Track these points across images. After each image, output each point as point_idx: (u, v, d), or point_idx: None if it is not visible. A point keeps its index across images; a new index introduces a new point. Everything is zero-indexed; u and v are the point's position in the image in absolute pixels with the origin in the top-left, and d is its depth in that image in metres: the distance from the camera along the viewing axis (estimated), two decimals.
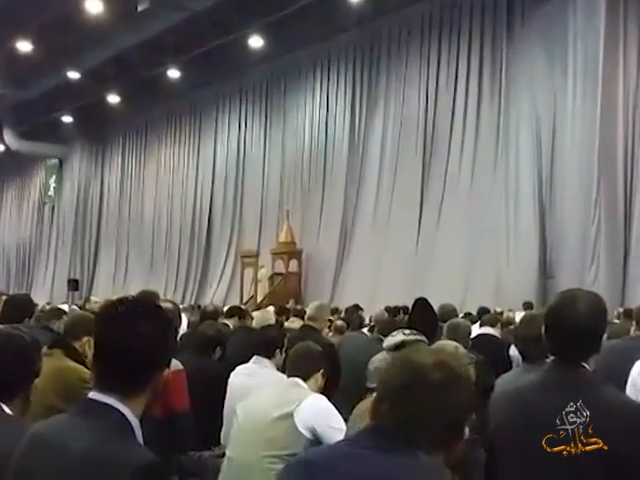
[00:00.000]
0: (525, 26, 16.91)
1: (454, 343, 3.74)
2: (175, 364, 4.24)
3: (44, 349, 3.93)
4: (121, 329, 1.85)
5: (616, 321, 9.50)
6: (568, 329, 2.33)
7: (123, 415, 1.81)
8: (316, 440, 3.48)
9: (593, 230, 14.34)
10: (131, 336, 1.83)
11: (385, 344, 4.39)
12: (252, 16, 19.16)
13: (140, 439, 1.83)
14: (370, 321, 10.27)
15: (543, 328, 2.41)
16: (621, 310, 10.40)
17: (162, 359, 1.90)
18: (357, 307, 13.24)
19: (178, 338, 6.46)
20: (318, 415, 3.61)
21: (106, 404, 1.81)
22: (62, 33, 20.17)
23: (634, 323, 5.75)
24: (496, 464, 2.37)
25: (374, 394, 1.83)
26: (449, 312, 7.02)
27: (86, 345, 4.16)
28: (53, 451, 1.80)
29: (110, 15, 18.37)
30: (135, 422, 1.83)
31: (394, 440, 1.68)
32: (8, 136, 30.10)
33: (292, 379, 3.90)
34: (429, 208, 18.81)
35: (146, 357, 1.84)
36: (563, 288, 2.73)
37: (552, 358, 2.38)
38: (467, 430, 1.77)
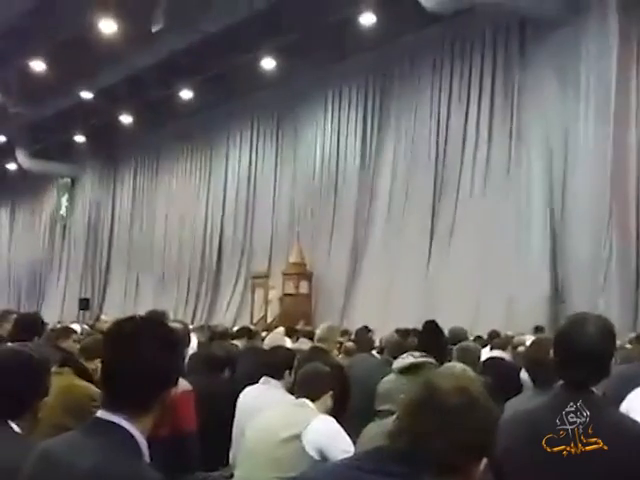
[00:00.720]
0: (537, 52, 16.90)
1: (462, 365, 3.72)
2: (184, 384, 4.24)
3: (54, 368, 3.94)
4: (127, 348, 1.86)
5: (628, 346, 9.43)
6: (577, 353, 2.32)
7: (130, 434, 1.81)
8: (324, 462, 3.46)
9: (605, 254, 14.27)
10: (137, 355, 1.84)
11: (394, 366, 4.38)
12: (265, 38, 19.29)
13: (147, 458, 1.83)
14: (380, 343, 10.20)
15: (552, 352, 2.40)
16: (633, 335, 10.31)
17: (169, 378, 1.90)
18: (367, 329, 13.17)
19: (187, 359, 6.46)
20: (327, 437, 3.59)
21: (113, 423, 1.82)
22: (76, 53, 20.33)
23: None
24: None
25: (384, 416, 1.82)
26: (459, 335, 6.99)
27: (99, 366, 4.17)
28: (60, 469, 1.80)
29: (124, 36, 18.52)
30: (142, 441, 1.83)
31: (401, 463, 1.66)
32: (21, 155, 30.31)
33: (301, 400, 3.88)
34: (440, 231, 18.77)
35: (152, 376, 1.85)
36: (575, 312, 2.71)
37: (561, 382, 2.37)
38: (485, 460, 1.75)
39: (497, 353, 7.31)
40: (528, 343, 5.78)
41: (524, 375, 5.01)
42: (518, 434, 2.37)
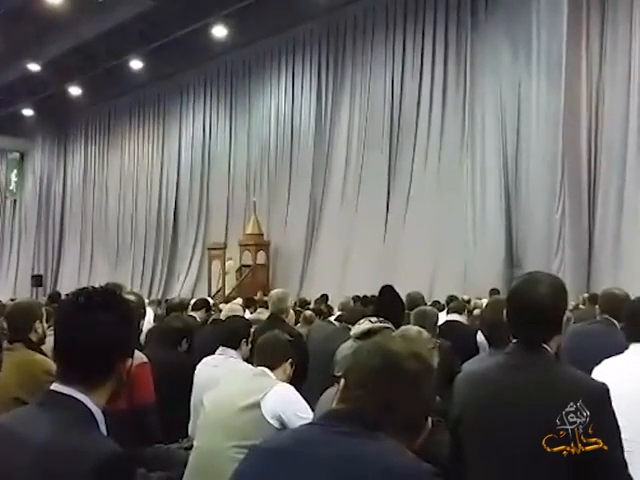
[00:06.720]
0: (489, 14, 16.98)
1: (417, 328, 3.74)
2: (140, 357, 4.21)
3: (5, 344, 3.87)
4: (80, 320, 1.84)
5: (582, 306, 9.62)
6: (529, 311, 2.35)
7: (85, 406, 1.80)
8: (284, 429, 3.47)
9: (558, 218, 14.47)
10: (90, 327, 1.82)
11: (352, 332, 4.40)
12: (216, 5, 19.00)
13: (104, 430, 1.81)
14: (338, 310, 10.26)
15: (505, 312, 2.42)
16: (586, 296, 10.52)
17: (123, 349, 1.88)
18: (326, 297, 13.25)
19: (144, 332, 6.42)
20: (285, 404, 3.60)
21: (68, 395, 1.80)
22: (21, 23, 19.82)
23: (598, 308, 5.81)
24: (462, 449, 2.38)
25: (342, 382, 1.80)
26: (416, 300, 7.02)
27: (39, 329, 4.13)
28: (14, 443, 1.78)
29: (70, 4, 18.10)
30: (98, 413, 1.82)
31: (362, 424, 1.66)
32: None
33: (259, 368, 3.88)
34: (396, 197, 18.84)
35: (106, 347, 1.83)
36: None
37: (514, 341, 2.39)
38: (430, 421, 1.77)
39: (454, 317, 7.39)
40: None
41: (481, 337, 5.08)
42: (472, 393, 2.41)
